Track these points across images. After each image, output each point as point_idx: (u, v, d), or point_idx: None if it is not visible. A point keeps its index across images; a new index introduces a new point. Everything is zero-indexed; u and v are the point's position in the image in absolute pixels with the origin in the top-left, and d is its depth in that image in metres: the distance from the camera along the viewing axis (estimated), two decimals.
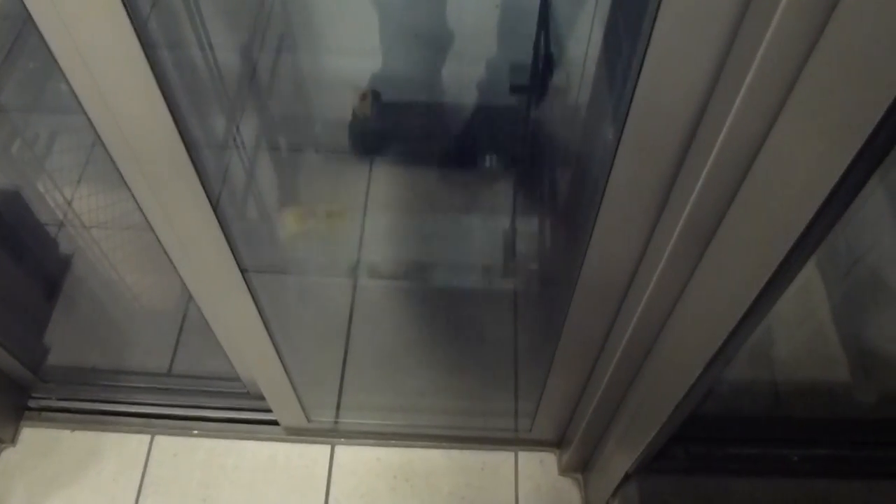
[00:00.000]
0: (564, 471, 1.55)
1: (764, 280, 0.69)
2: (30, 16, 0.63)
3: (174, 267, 1.03)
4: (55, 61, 0.68)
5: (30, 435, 1.62)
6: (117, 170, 0.83)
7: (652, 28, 0.59)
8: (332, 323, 1.59)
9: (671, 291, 0.86)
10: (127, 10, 0.63)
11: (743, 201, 0.68)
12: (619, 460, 1.26)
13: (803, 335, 1.24)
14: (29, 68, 1.83)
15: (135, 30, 0.64)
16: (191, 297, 1.11)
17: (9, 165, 1.74)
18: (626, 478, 1.29)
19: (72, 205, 1.76)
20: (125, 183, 0.85)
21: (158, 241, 0.96)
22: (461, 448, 1.58)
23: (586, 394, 1.27)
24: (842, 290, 1.16)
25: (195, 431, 1.61)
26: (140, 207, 0.89)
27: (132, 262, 1.73)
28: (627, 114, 0.68)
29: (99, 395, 1.63)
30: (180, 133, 0.76)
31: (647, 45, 0.61)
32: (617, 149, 0.73)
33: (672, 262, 0.81)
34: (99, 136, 0.77)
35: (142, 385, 1.63)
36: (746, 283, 0.71)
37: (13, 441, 1.60)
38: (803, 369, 1.29)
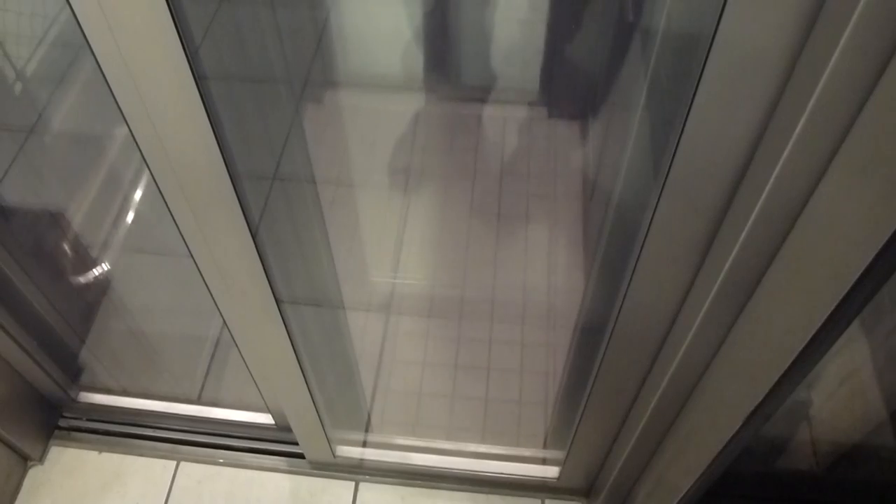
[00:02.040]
0: None
1: (807, 337, 0.67)
2: (86, 41, 0.65)
3: (211, 295, 1.03)
4: (109, 89, 0.70)
5: (58, 454, 1.63)
6: (161, 195, 0.84)
7: (698, 81, 0.59)
8: (363, 358, 1.59)
9: (710, 344, 0.85)
10: (181, 41, 0.64)
11: (788, 255, 0.67)
12: None
13: (845, 393, 1.20)
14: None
15: (188, 60, 0.66)
16: (224, 326, 1.12)
17: (54, 187, 1.78)
18: None
19: (115, 228, 1.80)
20: (168, 209, 0.87)
21: (197, 268, 0.97)
22: (487, 492, 1.55)
23: (618, 443, 1.25)
24: (887, 348, 1.13)
25: (220, 460, 1.61)
26: (181, 233, 0.91)
27: (169, 288, 1.75)
28: (671, 165, 0.68)
29: (128, 418, 1.64)
30: (226, 162, 0.78)
31: (693, 96, 0.60)
32: (659, 199, 0.72)
33: (712, 314, 0.79)
34: (146, 162, 0.79)
35: (170, 411, 1.64)
36: (789, 339, 0.69)
37: (41, 459, 1.61)
38: (845, 429, 1.25)
